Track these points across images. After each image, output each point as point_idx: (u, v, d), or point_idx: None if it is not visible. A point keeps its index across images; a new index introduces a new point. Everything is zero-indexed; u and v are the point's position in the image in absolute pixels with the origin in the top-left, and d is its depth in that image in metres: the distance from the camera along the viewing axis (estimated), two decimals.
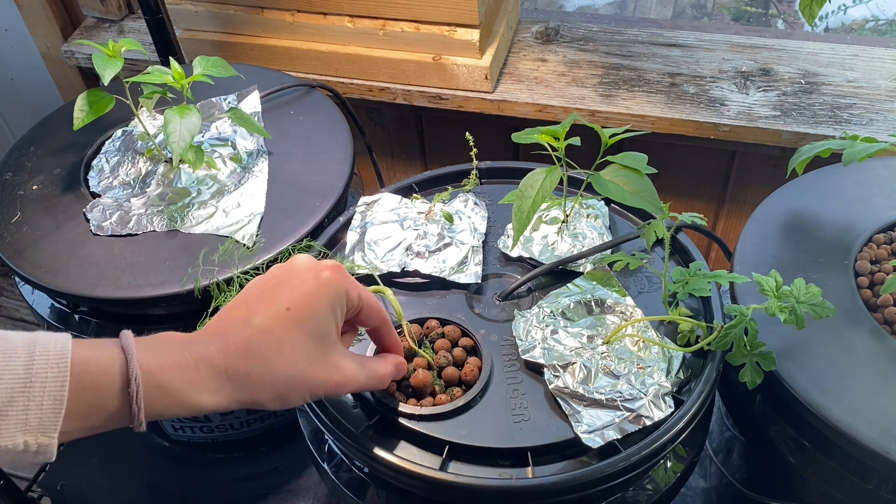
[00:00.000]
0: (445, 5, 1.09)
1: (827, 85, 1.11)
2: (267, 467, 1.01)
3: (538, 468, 0.60)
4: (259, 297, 0.54)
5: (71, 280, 0.80)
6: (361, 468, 0.66)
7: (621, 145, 0.74)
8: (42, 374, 0.44)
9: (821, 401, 0.63)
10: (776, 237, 0.78)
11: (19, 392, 0.43)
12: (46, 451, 0.45)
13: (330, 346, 0.54)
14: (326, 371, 0.54)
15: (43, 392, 0.44)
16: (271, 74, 1.07)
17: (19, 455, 0.44)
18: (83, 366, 0.46)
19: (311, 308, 0.53)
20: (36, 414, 0.44)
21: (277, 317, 0.52)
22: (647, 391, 0.62)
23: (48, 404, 0.44)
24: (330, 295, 0.54)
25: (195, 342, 0.51)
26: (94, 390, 0.46)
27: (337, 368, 0.54)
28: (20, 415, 0.43)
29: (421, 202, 0.81)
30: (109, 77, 0.81)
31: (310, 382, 0.53)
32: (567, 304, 0.70)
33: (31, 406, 0.43)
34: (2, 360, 0.44)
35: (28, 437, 0.44)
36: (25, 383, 0.44)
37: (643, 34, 1.23)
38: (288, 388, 0.52)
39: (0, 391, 0.43)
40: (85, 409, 0.46)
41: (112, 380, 0.46)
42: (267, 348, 0.51)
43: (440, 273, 0.74)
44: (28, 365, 0.44)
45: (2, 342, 0.44)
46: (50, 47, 1.42)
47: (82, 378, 0.45)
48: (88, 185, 0.91)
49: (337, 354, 0.55)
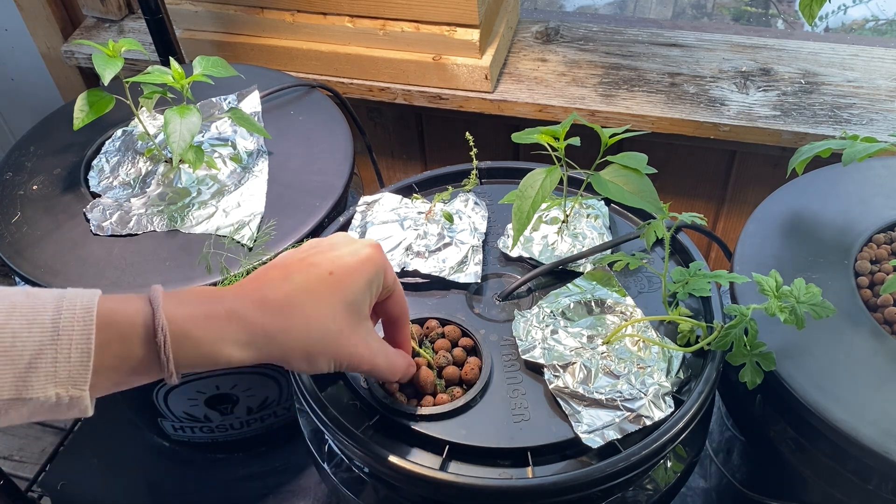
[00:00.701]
0: (445, 5, 1.09)
1: (827, 85, 1.11)
2: (267, 467, 1.01)
3: (538, 468, 0.60)
4: (300, 260, 0.55)
5: (71, 280, 0.80)
6: (361, 468, 0.66)
7: (621, 145, 0.74)
8: (69, 327, 0.45)
9: (821, 401, 0.63)
10: (776, 237, 0.78)
11: (48, 345, 0.44)
12: (79, 404, 0.46)
13: (362, 320, 0.55)
14: (355, 341, 0.55)
15: (70, 344, 0.45)
16: (271, 74, 1.07)
17: (53, 408, 0.45)
18: (109, 318, 0.46)
19: (352, 278, 0.54)
20: (65, 366, 0.45)
21: (320, 279, 0.53)
22: (647, 391, 0.62)
23: (76, 356, 0.45)
24: (369, 270, 0.55)
25: (228, 296, 0.51)
26: (122, 341, 0.47)
27: (363, 342, 0.55)
28: (49, 367, 0.44)
29: (421, 202, 0.81)
30: (109, 77, 0.81)
31: (338, 348, 0.54)
32: (567, 304, 0.70)
33: (59, 358, 0.45)
34: (31, 314, 0.45)
35: (59, 389, 0.45)
36: (53, 336, 0.45)
37: (643, 34, 1.23)
38: (318, 349, 0.53)
39: (30, 344, 0.44)
40: (114, 361, 0.47)
41: (138, 330, 0.47)
42: (306, 304, 0.52)
43: (440, 273, 0.74)
44: (55, 319, 0.45)
45: (32, 298, 0.46)
46: (50, 47, 1.42)
47: (109, 330, 0.46)
48: (88, 185, 0.91)
49: (365, 329, 0.56)
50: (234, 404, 0.92)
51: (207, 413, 0.93)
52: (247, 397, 0.92)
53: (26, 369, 0.44)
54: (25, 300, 0.45)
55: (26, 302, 0.45)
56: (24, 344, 0.44)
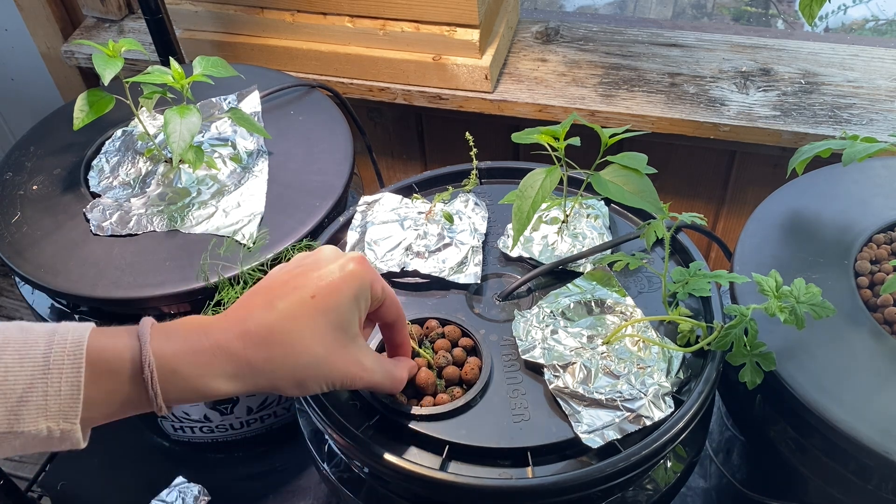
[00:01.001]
0: (445, 5, 1.09)
1: (827, 85, 1.11)
2: (267, 467, 1.01)
3: (538, 468, 0.60)
4: (283, 283, 0.54)
5: (71, 280, 0.80)
6: (361, 468, 0.66)
7: (621, 145, 0.74)
8: (59, 362, 0.46)
9: (821, 401, 0.63)
10: (776, 237, 0.78)
11: (39, 378, 0.45)
12: (71, 437, 0.46)
13: (351, 338, 0.55)
14: (346, 362, 0.54)
15: (60, 378, 0.45)
16: (271, 74, 1.07)
17: (45, 441, 0.46)
18: (99, 353, 0.47)
19: (336, 297, 0.53)
20: (55, 400, 0.45)
21: (302, 304, 0.52)
22: (647, 391, 0.62)
23: (66, 390, 0.46)
24: (355, 286, 0.54)
25: (214, 328, 0.51)
26: (111, 376, 0.47)
27: (356, 361, 0.55)
28: (40, 400, 0.45)
29: (421, 202, 0.81)
30: (109, 77, 0.81)
31: (328, 371, 0.53)
32: (567, 304, 0.70)
33: (49, 392, 0.45)
34: (24, 348, 0.46)
35: (50, 423, 0.46)
36: (44, 370, 0.45)
37: (643, 34, 1.23)
38: (307, 375, 0.53)
39: (21, 378, 0.45)
40: (104, 396, 0.47)
41: (126, 366, 0.48)
42: (290, 334, 0.51)
43: (440, 273, 0.74)
44: (47, 353, 0.46)
45: (25, 333, 0.47)
46: (50, 47, 1.42)
47: (98, 365, 0.47)
48: (88, 185, 0.91)
49: (357, 347, 0.55)
50: (234, 404, 0.92)
51: (207, 413, 0.93)
52: (247, 397, 0.92)
53: (17, 403, 0.45)
54: (19, 335, 0.46)
55: (19, 336, 0.46)
56: (16, 378, 0.45)
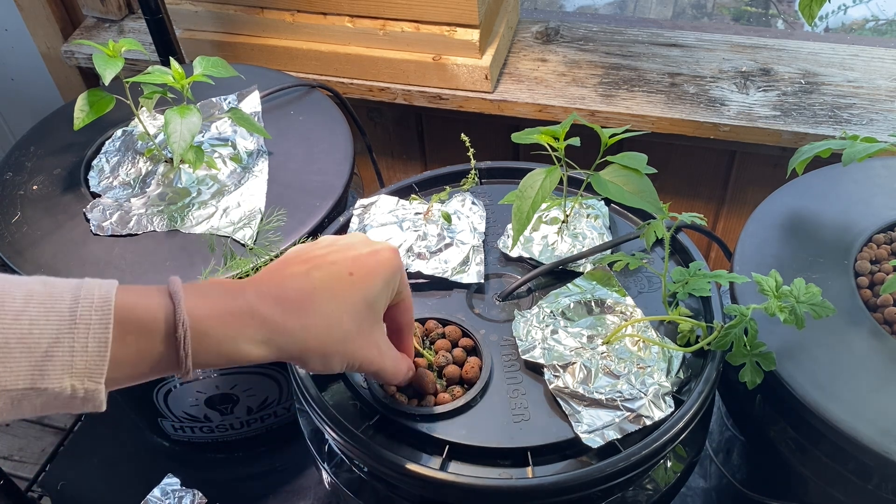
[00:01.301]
0: (445, 5, 1.09)
1: (827, 85, 1.11)
2: (267, 467, 1.01)
3: (538, 468, 0.60)
4: (319, 257, 0.54)
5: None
6: (361, 468, 0.66)
7: (621, 145, 0.74)
8: (87, 317, 0.44)
9: (821, 401, 0.63)
10: (776, 237, 0.78)
11: (65, 333, 0.43)
12: (94, 398, 0.44)
13: (377, 321, 0.55)
14: (369, 343, 0.54)
15: (87, 334, 0.43)
16: (271, 74, 1.07)
17: (67, 401, 0.44)
18: (129, 311, 0.45)
19: (371, 279, 0.53)
20: (81, 357, 0.43)
21: (340, 278, 0.52)
22: (647, 391, 0.62)
23: (93, 347, 0.44)
24: (387, 272, 0.55)
25: (249, 290, 0.50)
26: (141, 335, 0.46)
27: (376, 344, 0.55)
28: (66, 356, 0.43)
29: (418, 203, 0.81)
30: (110, 77, 0.81)
31: (354, 349, 0.53)
32: (567, 304, 0.70)
33: (76, 348, 0.43)
34: (49, 301, 0.43)
35: (75, 381, 0.43)
36: (70, 325, 0.43)
37: (643, 34, 1.23)
38: (336, 350, 0.52)
39: (47, 332, 0.43)
40: (132, 355, 0.46)
41: (159, 326, 0.46)
42: (328, 304, 0.51)
43: (442, 274, 0.74)
44: (73, 307, 0.44)
45: (49, 287, 0.44)
46: (50, 47, 1.42)
47: (128, 323, 0.45)
48: (88, 185, 0.91)
49: (379, 331, 0.56)
50: (235, 404, 0.92)
51: (207, 413, 0.93)
52: (247, 397, 0.92)
53: (43, 358, 0.42)
54: (43, 288, 0.44)
55: (43, 290, 0.44)
56: (42, 332, 0.43)
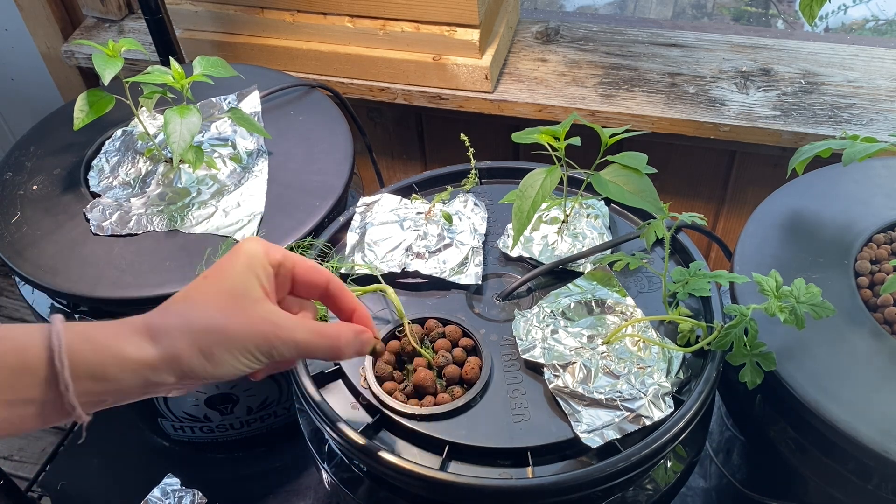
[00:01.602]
0: (445, 5, 1.09)
1: (827, 85, 1.11)
2: (267, 467, 1.01)
3: (538, 468, 0.60)
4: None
5: (71, 280, 0.80)
6: (361, 468, 0.66)
7: (621, 145, 0.74)
8: None
9: (821, 401, 0.63)
10: (776, 237, 0.78)
11: None
12: None
13: (253, 301, 0.54)
14: (251, 322, 0.53)
15: None
16: (271, 74, 1.07)
17: None
18: (6, 332, 0.48)
19: (225, 270, 0.54)
20: None
21: (194, 283, 0.55)
22: (647, 391, 0.62)
23: None
24: (242, 258, 0.55)
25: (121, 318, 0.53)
26: (16, 353, 0.47)
27: (263, 319, 0.54)
28: None
29: (420, 202, 0.81)
30: (109, 77, 0.81)
31: (232, 334, 0.52)
32: (567, 304, 0.70)
33: None
34: None
35: None
36: None
37: (643, 34, 1.23)
38: (209, 342, 0.52)
39: None
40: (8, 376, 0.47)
41: (34, 342, 0.48)
42: (182, 304, 0.53)
43: (440, 274, 0.74)
44: None
45: None
46: (50, 47, 1.42)
47: (3, 343, 0.47)
48: (88, 185, 0.91)
49: (264, 308, 0.54)
50: (234, 404, 0.92)
51: (207, 413, 0.93)
52: (247, 397, 0.92)
53: None
54: None
55: None
56: None
